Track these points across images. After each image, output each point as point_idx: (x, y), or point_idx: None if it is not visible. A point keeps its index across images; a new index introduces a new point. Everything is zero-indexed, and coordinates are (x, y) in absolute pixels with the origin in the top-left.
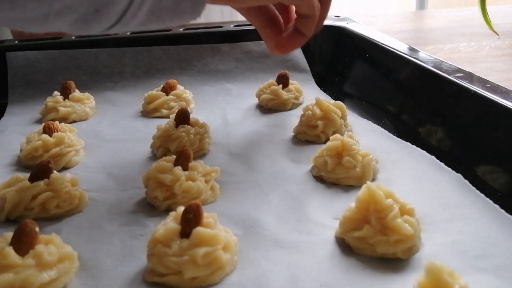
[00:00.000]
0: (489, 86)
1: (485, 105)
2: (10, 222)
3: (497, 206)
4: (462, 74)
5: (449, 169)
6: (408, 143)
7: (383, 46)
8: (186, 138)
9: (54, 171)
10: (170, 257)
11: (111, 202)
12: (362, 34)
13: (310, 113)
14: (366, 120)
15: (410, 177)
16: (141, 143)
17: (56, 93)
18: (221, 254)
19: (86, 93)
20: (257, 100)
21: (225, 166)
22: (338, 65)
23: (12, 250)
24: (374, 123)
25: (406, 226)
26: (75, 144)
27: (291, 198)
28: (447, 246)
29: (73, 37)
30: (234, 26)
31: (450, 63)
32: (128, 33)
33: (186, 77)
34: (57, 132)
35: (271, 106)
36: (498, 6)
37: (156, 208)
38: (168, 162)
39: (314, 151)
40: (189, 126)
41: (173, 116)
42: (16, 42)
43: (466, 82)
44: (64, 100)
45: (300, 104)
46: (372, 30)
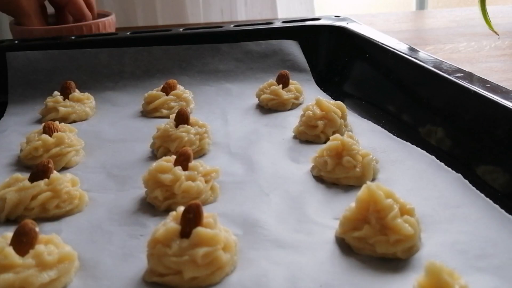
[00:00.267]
0: (489, 86)
1: (485, 105)
2: (10, 222)
3: (497, 206)
4: (462, 74)
5: (449, 169)
6: (408, 143)
7: (383, 46)
8: (186, 138)
9: (54, 171)
10: (170, 257)
11: (111, 202)
12: (362, 34)
13: (310, 113)
14: (366, 120)
15: (410, 177)
16: (141, 143)
17: (56, 93)
18: (221, 254)
19: (86, 93)
20: (257, 100)
21: (225, 166)
22: (338, 65)
23: (12, 250)
24: (374, 123)
25: (406, 226)
26: (75, 144)
27: (291, 198)
28: (447, 246)
29: (73, 37)
30: (234, 26)
31: (450, 63)
32: (128, 33)
33: (186, 77)
34: (57, 132)
35: (271, 106)
36: (498, 6)
37: (156, 208)
38: (168, 162)
39: (314, 151)
40: (189, 126)
41: (173, 116)
42: (16, 42)
43: (466, 82)
44: (64, 100)
45: (300, 104)
46: (372, 30)
